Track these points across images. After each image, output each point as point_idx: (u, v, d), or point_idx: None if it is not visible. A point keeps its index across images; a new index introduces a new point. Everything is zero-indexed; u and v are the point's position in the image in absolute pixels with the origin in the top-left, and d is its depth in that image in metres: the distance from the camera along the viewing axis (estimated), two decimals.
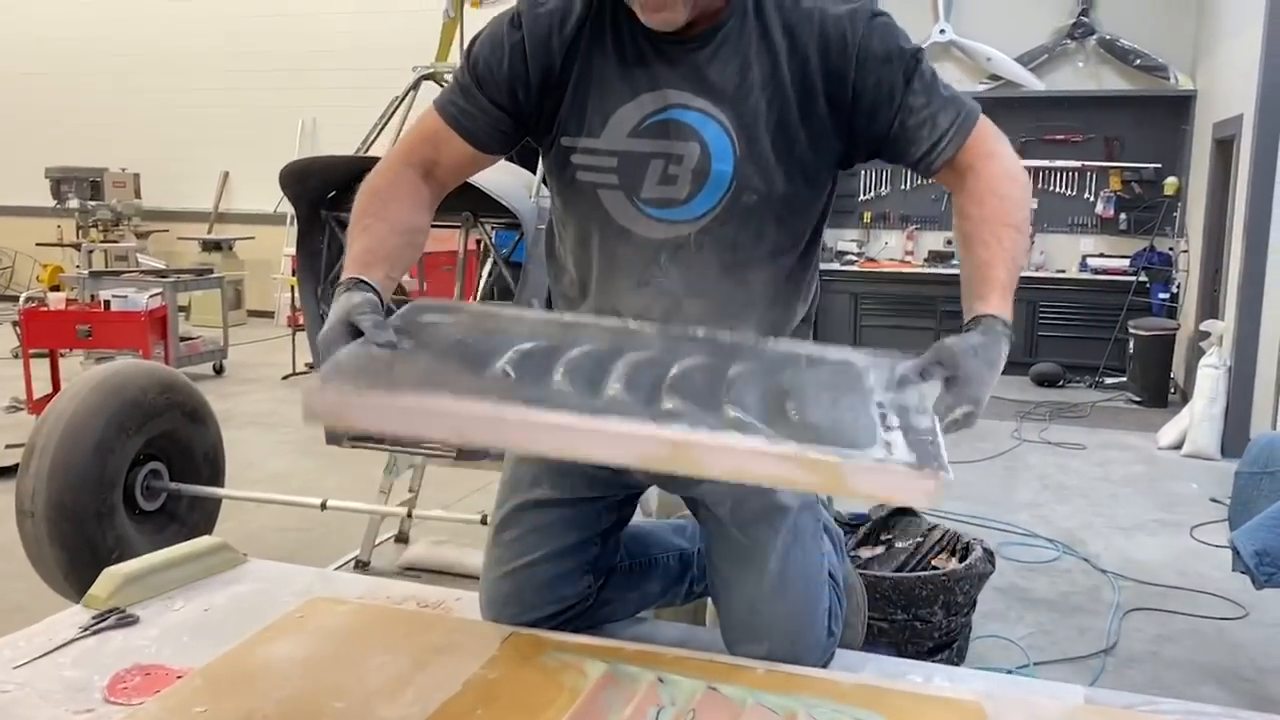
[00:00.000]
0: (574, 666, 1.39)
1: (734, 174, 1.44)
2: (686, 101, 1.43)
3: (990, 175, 1.41)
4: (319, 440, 4.90)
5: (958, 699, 1.35)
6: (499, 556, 1.64)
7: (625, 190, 1.47)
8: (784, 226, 1.50)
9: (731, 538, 1.56)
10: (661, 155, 1.45)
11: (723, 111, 1.43)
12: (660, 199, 1.46)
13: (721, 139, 1.43)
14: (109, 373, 3.31)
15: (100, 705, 1.31)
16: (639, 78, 1.44)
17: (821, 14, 1.43)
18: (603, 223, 1.50)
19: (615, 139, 1.46)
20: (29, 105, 11.46)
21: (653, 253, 1.49)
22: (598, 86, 1.46)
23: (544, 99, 1.48)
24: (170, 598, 1.64)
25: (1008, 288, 1.31)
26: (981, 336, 1.25)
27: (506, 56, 1.47)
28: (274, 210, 10.35)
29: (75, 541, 3.12)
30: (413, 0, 9.77)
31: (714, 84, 1.43)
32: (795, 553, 1.53)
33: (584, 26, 1.46)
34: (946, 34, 8.65)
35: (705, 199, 1.45)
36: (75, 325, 5.66)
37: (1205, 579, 3.97)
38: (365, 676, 1.36)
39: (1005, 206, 1.38)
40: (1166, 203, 8.24)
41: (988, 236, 1.35)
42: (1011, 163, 1.44)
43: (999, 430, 6.44)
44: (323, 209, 3.33)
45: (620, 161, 1.46)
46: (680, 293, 1.49)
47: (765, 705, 1.30)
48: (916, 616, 2.45)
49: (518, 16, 1.48)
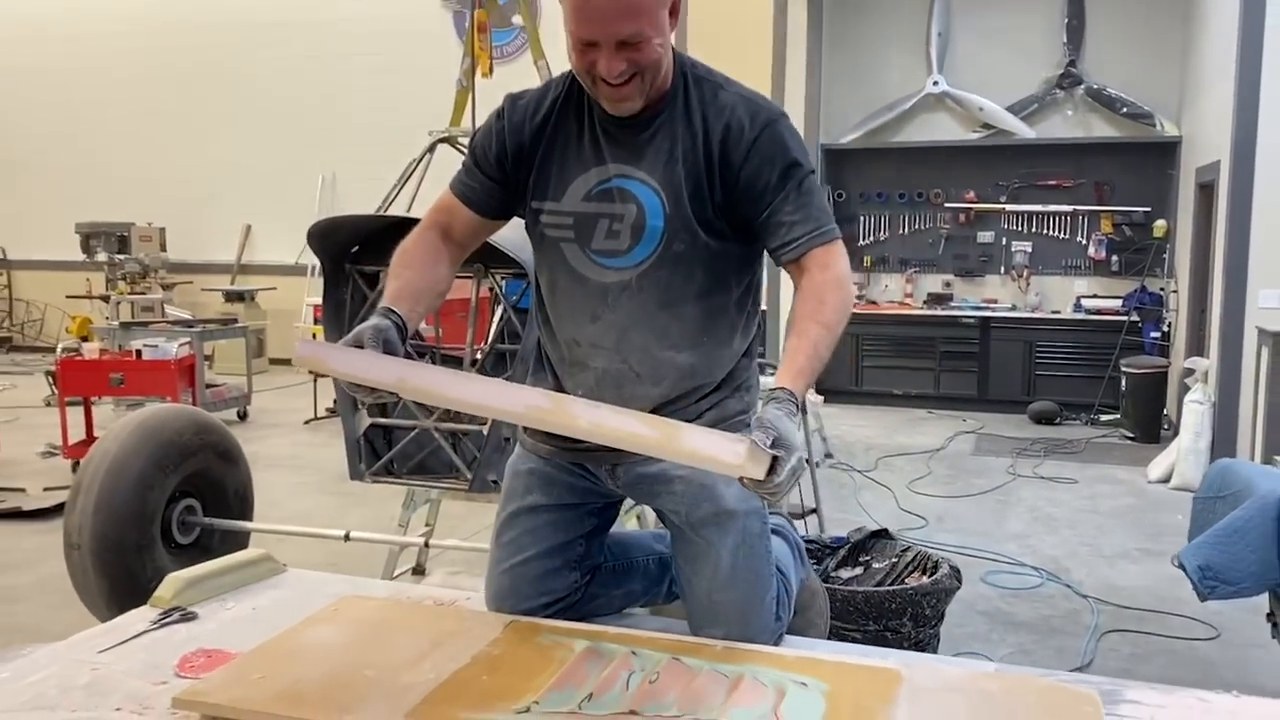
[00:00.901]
0: (563, 644, 1.67)
1: (664, 228, 1.77)
2: (628, 172, 1.77)
3: (819, 282, 1.72)
4: (339, 480, 5.20)
5: (880, 666, 1.61)
6: (499, 556, 1.94)
7: (579, 243, 1.81)
8: (709, 271, 1.81)
9: (688, 538, 1.86)
10: (607, 215, 1.79)
11: (654, 179, 1.76)
12: (607, 250, 1.80)
13: (654, 200, 1.76)
14: (148, 415, 3.59)
15: (172, 678, 1.59)
16: (592, 154, 1.80)
17: (732, 108, 1.76)
18: (564, 269, 1.84)
19: (572, 203, 1.81)
20: (58, 164, 11.94)
21: (603, 293, 1.81)
22: (560, 160, 1.82)
23: (519, 170, 1.84)
24: (223, 599, 1.93)
25: (804, 371, 1.63)
26: (780, 407, 1.56)
27: (494, 140, 1.84)
28: (294, 262, 10.76)
29: (118, 572, 3.35)
30: (428, 58, 10.26)
31: (648, 158, 1.77)
32: (743, 550, 1.83)
33: (553, 112, 1.82)
34: (940, 85, 8.98)
35: (642, 249, 1.78)
36: (109, 374, 5.96)
37: (1182, 603, 4.14)
38: (390, 653, 1.63)
39: (822, 309, 1.69)
40: (1156, 244, 8.51)
41: (802, 327, 1.68)
42: (841, 277, 1.74)
43: (994, 466, 6.66)
44: (347, 263, 3.62)
45: (575, 220, 1.81)
46: (626, 324, 1.81)
47: (719, 671, 1.57)
48: (887, 627, 2.68)
49: (503, 109, 1.87)
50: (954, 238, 9.24)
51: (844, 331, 1.75)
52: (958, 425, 8.13)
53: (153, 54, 11.39)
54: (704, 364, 1.84)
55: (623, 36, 1.62)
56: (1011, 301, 9.04)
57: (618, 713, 1.44)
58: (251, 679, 1.51)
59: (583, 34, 1.63)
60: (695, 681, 1.54)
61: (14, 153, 12.14)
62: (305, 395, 8.67)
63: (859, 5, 9.22)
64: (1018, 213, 9.02)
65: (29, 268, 12.14)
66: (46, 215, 11.79)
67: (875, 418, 8.44)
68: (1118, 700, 1.49)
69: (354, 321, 3.66)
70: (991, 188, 9.07)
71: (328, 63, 10.73)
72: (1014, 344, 8.66)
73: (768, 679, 1.54)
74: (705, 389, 1.86)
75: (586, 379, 1.83)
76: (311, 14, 10.72)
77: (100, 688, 1.54)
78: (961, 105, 8.99)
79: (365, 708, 1.44)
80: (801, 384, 1.61)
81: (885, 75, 9.19)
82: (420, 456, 3.77)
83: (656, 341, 1.81)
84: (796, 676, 1.53)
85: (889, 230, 9.39)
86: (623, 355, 1.81)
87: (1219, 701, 1.48)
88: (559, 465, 1.91)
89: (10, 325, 12.00)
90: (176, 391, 5.92)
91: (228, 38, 11.08)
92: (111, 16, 11.49)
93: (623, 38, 1.62)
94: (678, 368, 1.82)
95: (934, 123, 9.20)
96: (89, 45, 11.61)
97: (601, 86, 1.69)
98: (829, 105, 9.21)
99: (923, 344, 8.88)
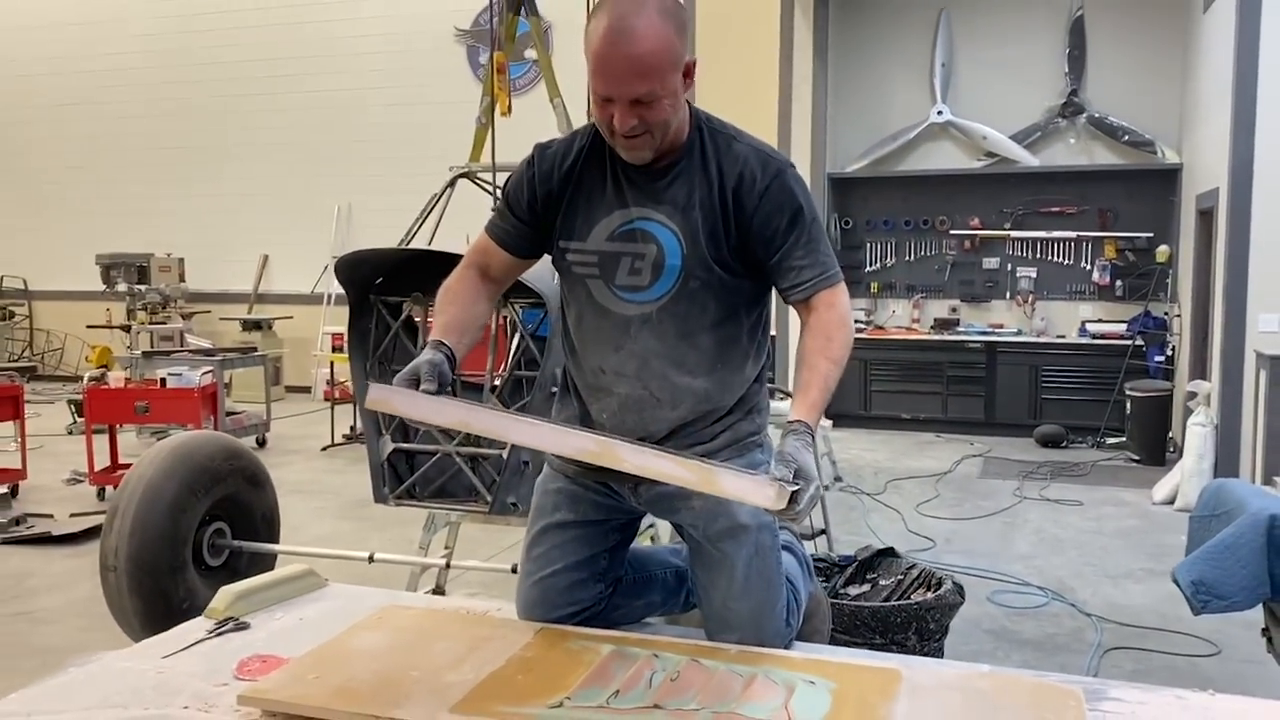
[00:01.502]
0: (590, 648, 1.82)
1: (681, 266, 1.93)
2: (648, 215, 1.95)
3: (825, 320, 1.91)
4: (356, 506, 5.32)
5: (881, 665, 1.74)
6: (529, 569, 2.09)
7: (604, 279, 1.98)
8: (722, 304, 1.98)
9: (706, 551, 2.02)
10: (629, 254, 1.96)
11: (673, 222, 1.94)
12: (629, 285, 1.96)
13: (672, 241, 1.93)
14: (181, 441, 3.73)
15: (231, 681, 1.73)
16: (615, 199, 1.97)
17: (745, 159, 1.93)
18: (590, 303, 2.01)
19: (597, 242, 1.98)
20: (78, 196, 12.18)
21: (625, 325, 1.97)
22: (586, 204, 1.99)
23: (548, 213, 2.01)
24: (271, 610, 2.07)
25: (816, 404, 1.82)
26: (798, 439, 1.74)
27: (525, 187, 2.02)
28: (310, 291, 10.96)
29: (152, 593, 3.46)
30: (443, 92, 10.50)
31: (667, 203, 1.94)
32: (756, 562, 1.98)
33: (579, 160, 1.99)
34: (944, 115, 9.15)
35: (662, 285, 1.95)
36: (134, 402, 6.12)
37: (1184, 621, 4.21)
38: (432, 656, 1.77)
39: (830, 345, 1.89)
40: (1159, 270, 8.64)
41: (812, 362, 1.87)
42: (844, 316, 1.94)
43: (1001, 489, 6.76)
44: (371, 294, 3.78)
45: (600, 258, 1.98)
46: (647, 354, 1.97)
47: (734, 671, 1.71)
48: (893, 640, 2.80)
49: (533, 158, 2.04)
50: (960, 264, 9.38)
51: (852, 357, 1.92)
52: (965, 449, 8.23)
53: (172, 88, 11.65)
54: (718, 389, 2.00)
55: (636, 96, 1.78)
56: (1017, 326, 9.16)
57: (643, 706, 1.58)
58: (307, 679, 1.66)
59: (600, 90, 1.81)
60: (713, 680, 1.68)
61: (36, 185, 12.39)
62: (321, 423, 8.83)
63: (864, 37, 9.42)
64: (1022, 239, 9.16)
65: (49, 298, 12.35)
66: (66, 246, 12.01)
67: (884, 442, 8.55)
68: (1101, 698, 1.61)
69: (377, 349, 3.83)
70: (996, 214, 9.22)
71: (344, 96, 10.95)
72: (1020, 368, 8.78)
73: (778, 678, 1.67)
74: (719, 412, 2.01)
75: (610, 404, 1.99)
76: (329, 49, 10.96)
77: (167, 688, 1.67)
78: (965, 134, 9.15)
79: (413, 703, 1.58)
80: (815, 416, 1.79)
81: (890, 105, 9.37)
82: (441, 481, 3.90)
83: (675, 369, 1.96)
84: (805, 675, 1.67)
85: (896, 257, 9.53)
86: (644, 382, 1.97)
87: (1195, 699, 1.60)
88: (585, 484, 2.06)
89: (31, 354, 12.19)
90: (200, 419, 6.06)
91: (246, 73, 11.32)
92: (132, 51, 11.76)
93: (636, 96, 1.78)
94: (694, 393, 1.97)
95: (938, 151, 9.37)
96: (110, 79, 11.87)
97: (617, 138, 1.85)
98: (835, 134, 9.39)
99: (930, 369, 9.00)
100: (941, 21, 9.13)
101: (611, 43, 1.76)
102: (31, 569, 4.94)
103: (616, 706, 1.58)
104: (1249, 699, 1.63)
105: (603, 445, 1.71)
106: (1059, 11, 8.90)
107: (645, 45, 1.76)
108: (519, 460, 3.57)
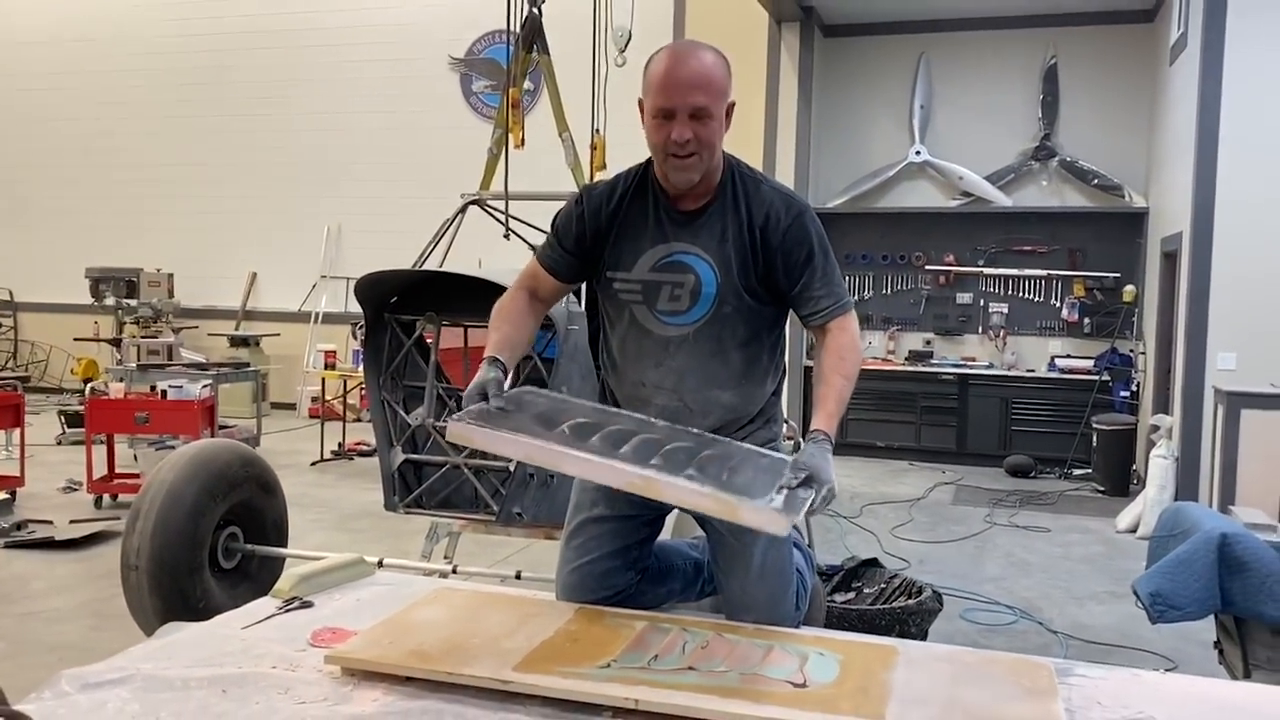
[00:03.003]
0: (627, 624, 2.07)
1: (716, 294, 2.21)
2: (686, 249, 2.22)
3: (838, 342, 2.18)
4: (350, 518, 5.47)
5: (881, 642, 2.00)
6: (569, 557, 2.35)
7: (647, 305, 2.25)
8: (749, 326, 2.27)
9: (726, 542, 2.28)
10: (669, 282, 2.23)
11: (709, 254, 2.21)
12: (670, 310, 2.24)
13: (708, 272, 2.21)
14: (200, 448, 3.90)
15: (308, 648, 1.95)
16: (657, 234, 2.25)
17: (770, 200, 2.22)
18: (634, 325, 2.28)
19: (641, 272, 2.25)
20: (66, 209, 12.27)
21: (665, 344, 2.25)
22: (632, 238, 2.26)
23: (595, 246, 2.30)
24: (330, 593, 2.29)
25: (833, 414, 2.07)
26: (817, 446, 1.99)
27: (574, 223, 2.30)
28: (298, 309, 11.11)
29: (171, 592, 3.60)
30: (435, 118, 10.75)
31: (703, 238, 2.22)
32: (771, 552, 2.24)
33: (624, 201, 2.28)
34: (922, 155, 9.50)
35: (699, 309, 2.22)
36: (134, 413, 6.26)
37: (1144, 640, 4.51)
38: (489, 627, 2.01)
39: (843, 363, 2.15)
40: (1125, 308, 8.99)
41: (829, 379, 2.13)
42: (854, 338, 2.20)
43: (972, 515, 7.03)
44: (386, 312, 3.99)
45: (644, 287, 2.25)
46: (683, 369, 2.24)
47: (754, 643, 1.96)
48: None
49: (581, 197, 2.34)
50: (934, 298, 9.70)
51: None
52: (937, 476, 8.50)
53: (164, 105, 11.80)
54: (743, 401, 2.27)
55: (697, 105, 2.07)
56: (989, 360, 9.48)
57: (678, 669, 1.83)
58: (383, 644, 1.89)
59: (661, 103, 2.09)
60: (737, 649, 1.94)
61: (24, 197, 12.47)
62: (309, 439, 8.98)
63: (847, 78, 9.76)
64: (995, 276, 9.50)
65: (35, 310, 12.41)
66: (53, 259, 12.10)
67: (859, 468, 8.81)
68: (1068, 674, 1.86)
69: (390, 364, 4.04)
70: (970, 252, 9.56)
71: (336, 118, 11.16)
72: (991, 400, 9.09)
73: (792, 650, 1.93)
74: (742, 421, 2.28)
75: (649, 413, 2.23)
76: (324, 73, 11.17)
77: (253, 652, 1.89)
78: (942, 174, 9.50)
79: (480, 663, 1.81)
80: (833, 425, 2.05)
81: (870, 144, 9.71)
82: (445, 493, 4.10)
83: (707, 383, 2.24)
84: (815, 649, 1.93)
85: (873, 290, 9.84)
86: (680, 395, 2.25)
87: (1149, 676, 1.84)
88: None
89: (16, 365, 12.23)
90: (198, 430, 6.21)
91: (241, 93, 11.51)
92: (124, 67, 11.90)
93: (697, 106, 2.07)
94: (723, 405, 2.25)
95: (916, 189, 9.71)
96: (101, 93, 12.00)
97: (670, 159, 2.12)
98: (817, 170, 9.71)
99: (904, 399, 9.29)
100: (921, 65, 9.50)
101: (678, 60, 2.09)
102: (35, 573, 5.07)
103: (657, 668, 1.82)
104: (1196, 678, 1.87)
105: (646, 480, 1.93)
106: (1034, 59, 9.29)
107: (706, 62, 2.10)
108: (525, 473, 3.77)
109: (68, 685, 1.73)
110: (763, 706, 1.67)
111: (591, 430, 2.05)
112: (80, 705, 1.68)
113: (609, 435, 2.03)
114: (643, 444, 2.00)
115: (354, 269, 5.69)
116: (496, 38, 10.33)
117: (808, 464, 1.92)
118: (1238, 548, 3.08)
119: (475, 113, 10.76)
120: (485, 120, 10.11)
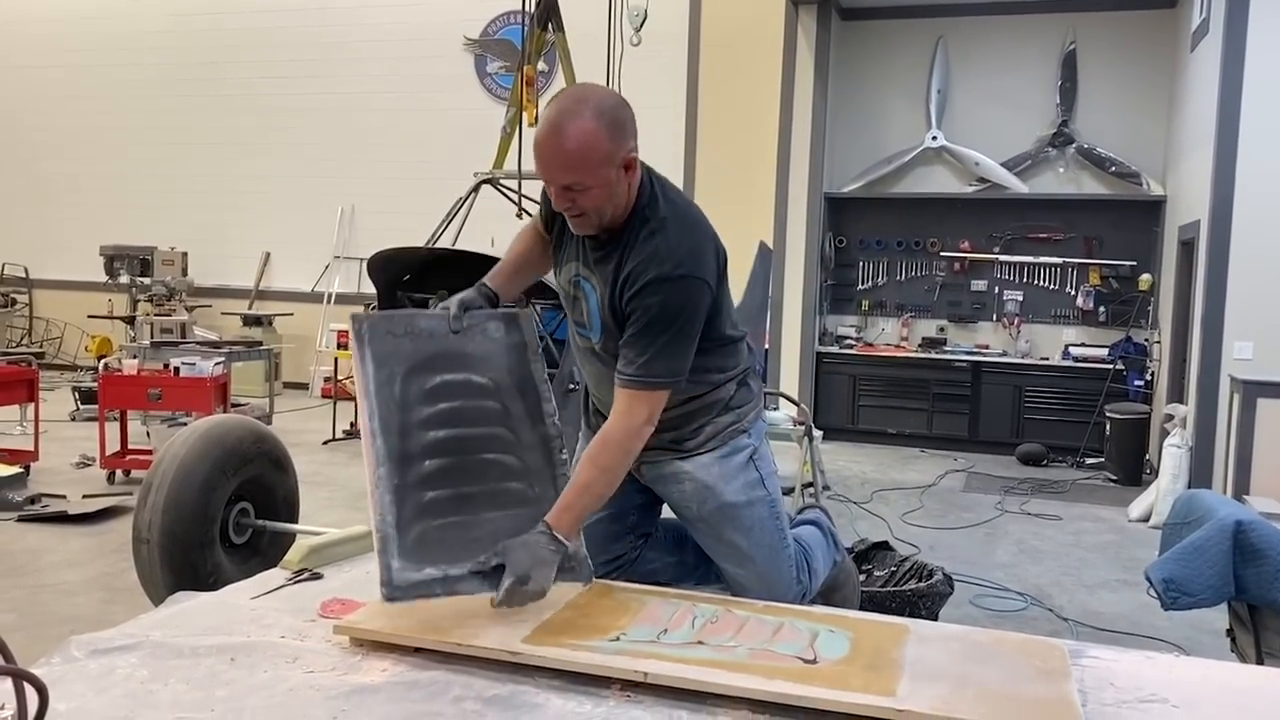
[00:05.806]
0: (636, 598, 2.07)
1: (602, 325, 2.21)
2: (587, 276, 2.23)
3: (611, 427, 2.11)
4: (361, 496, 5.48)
5: (893, 621, 1.98)
6: None
7: (569, 312, 2.32)
8: None
9: (700, 530, 2.32)
10: (578, 298, 2.27)
11: (599, 289, 2.19)
12: (581, 323, 2.28)
13: (596, 304, 2.21)
14: (213, 424, 3.90)
15: (316, 618, 1.95)
16: (574, 251, 2.26)
17: (647, 255, 2.12)
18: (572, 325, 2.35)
19: (564, 281, 2.31)
20: (82, 187, 12.32)
21: (587, 352, 2.31)
22: (563, 246, 2.31)
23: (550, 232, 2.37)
24: (339, 565, 2.29)
25: (570, 507, 2.02)
26: (529, 537, 1.96)
27: (544, 205, 2.36)
28: (311, 289, 11.13)
29: (182, 566, 3.61)
30: (449, 99, 10.72)
31: (599, 272, 2.19)
32: (754, 534, 2.27)
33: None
34: (938, 140, 9.43)
35: (595, 332, 2.24)
36: (148, 389, 6.28)
37: (1155, 627, 4.49)
38: None
39: (602, 453, 2.08)
40: (1141, 297, 8.93)
41: (581, 465, 2.09)
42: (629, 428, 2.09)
43: (983, 502, 7.00)
44: (399, 290, 4.00)
45: (564, 294, 2.33)
46: (601, 378, 2.26)
47: (764, 619, 1.95)
48: None
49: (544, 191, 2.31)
50: (949, 285, 9.65)
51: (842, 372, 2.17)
52: (949, 464, 8.47)
53: (180, 85, 11.82)
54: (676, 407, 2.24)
55: (563, 184, 2.05)
56: (1002, 348, 9.43)
57: (688, 643, 1.81)
58: (391, 614, 1.89)
59: (539, 173, 2.09)
60: (746, 625, 1.93)
61: (40, 175, 12.52)
62: (320, 418, 9.01)
63: (863, 62, 9.69)
64: (1010, 263, 9.44)
65: (50, 287, 12.47)
66: (68, 237, 12.16)
67: (870, 455, 8.79)
68: (1081, 655, 1.84)
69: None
70: (985, 239, 9.50)
71: (350, 99, 11.15)
72: (1004, 388, 9.04)
73: (803, 626, 1.92)
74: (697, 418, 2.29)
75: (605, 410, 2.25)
76: (338, 52, 11.17)
77: (262, 622, 1.89)
78: (958, 159, 9.43)
79: (490, 635, 1.81)
80: (564, 520, 1.99)
81: (886, 129, 9.65)
82: None
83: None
84: (826, 625, 1.91)
85: (887, 276, 9.79)
86: (602, 395, 2.29)
87: (1162, 659, 1.82)
88: None
89: (30, 342, 12.30)
90: (211, 407, 6.22)
91: (256, 73, 11.51)
92: (139, 47, 11.94)
93: (564, 184, 2.05)
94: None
95: (932, 175, 9.65)
96: (116, 72, 12.04)
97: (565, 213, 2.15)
98: (833, 155, 9.66)
99: (917, 386, 9.25)
100: (939, 49, 9.42)
101: (545, 136, 2.04)
102: (48, 546, 5.10)
103: (666, 641, 1.81)
104: (1210, 661, 1.85)
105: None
106: (1052, 44, 9.20)
107: (571, 144, 2.00)
108: None
109: (77, 651, 1.74)
110: (773, 681, 1.66)
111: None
112: (89, 670, 1.68)
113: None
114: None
115: (367, 250, 5.68)
116: (512, 18, 10.29)
117: (504, 552, 1.91)
118: (1253, 535, 3.05)
119: (489, 94, 10.73)
120: (499, 102, 10.09)
